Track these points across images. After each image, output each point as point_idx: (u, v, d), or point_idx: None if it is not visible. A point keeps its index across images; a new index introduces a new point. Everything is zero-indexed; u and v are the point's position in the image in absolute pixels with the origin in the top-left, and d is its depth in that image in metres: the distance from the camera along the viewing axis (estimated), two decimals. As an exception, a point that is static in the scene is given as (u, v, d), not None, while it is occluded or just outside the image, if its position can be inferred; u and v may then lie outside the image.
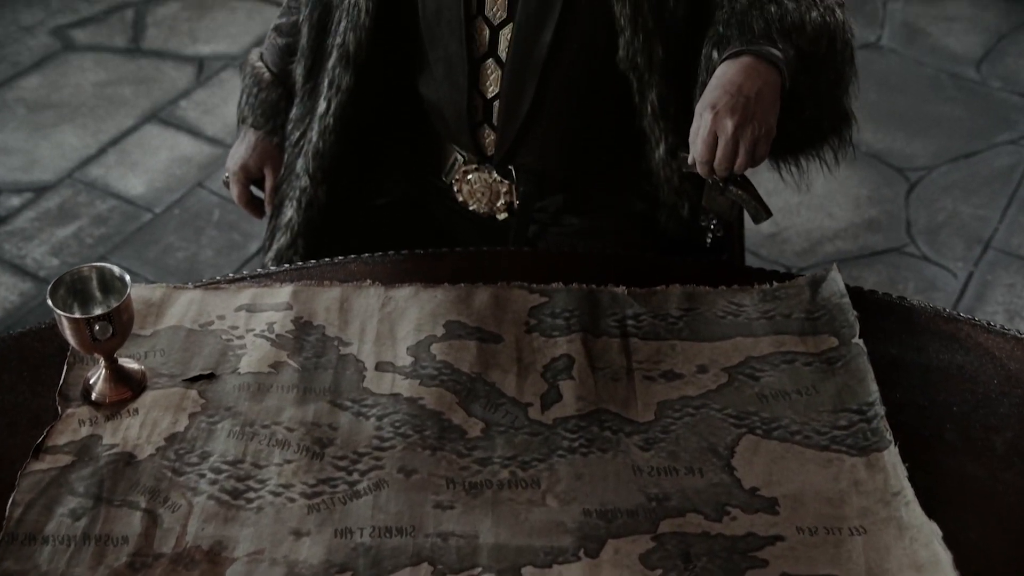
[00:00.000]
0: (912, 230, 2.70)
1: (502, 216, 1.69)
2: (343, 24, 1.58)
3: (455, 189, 1.69)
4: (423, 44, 1.59)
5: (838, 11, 1.48)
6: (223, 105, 3.00)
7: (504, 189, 1.67)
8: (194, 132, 3.00)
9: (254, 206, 1.82)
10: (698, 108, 1.41)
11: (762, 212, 1.50)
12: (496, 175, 1.65)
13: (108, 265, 1.29)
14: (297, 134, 1.70)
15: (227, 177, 1.82)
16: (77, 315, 1.25)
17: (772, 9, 1.43)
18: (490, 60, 1.56)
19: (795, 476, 1.22)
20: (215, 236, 2.66)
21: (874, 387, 1.30)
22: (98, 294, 1.30)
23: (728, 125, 1.37)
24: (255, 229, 2.61)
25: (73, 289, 1.29)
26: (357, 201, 1.73)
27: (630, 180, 1.67)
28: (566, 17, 1.51)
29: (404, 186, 1.75)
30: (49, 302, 1.25)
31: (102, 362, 1.30)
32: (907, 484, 1.19)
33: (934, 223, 2.72)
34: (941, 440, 1.27)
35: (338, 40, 1.59)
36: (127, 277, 1.28)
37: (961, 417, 1.30)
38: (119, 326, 1.25)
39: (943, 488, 1.21)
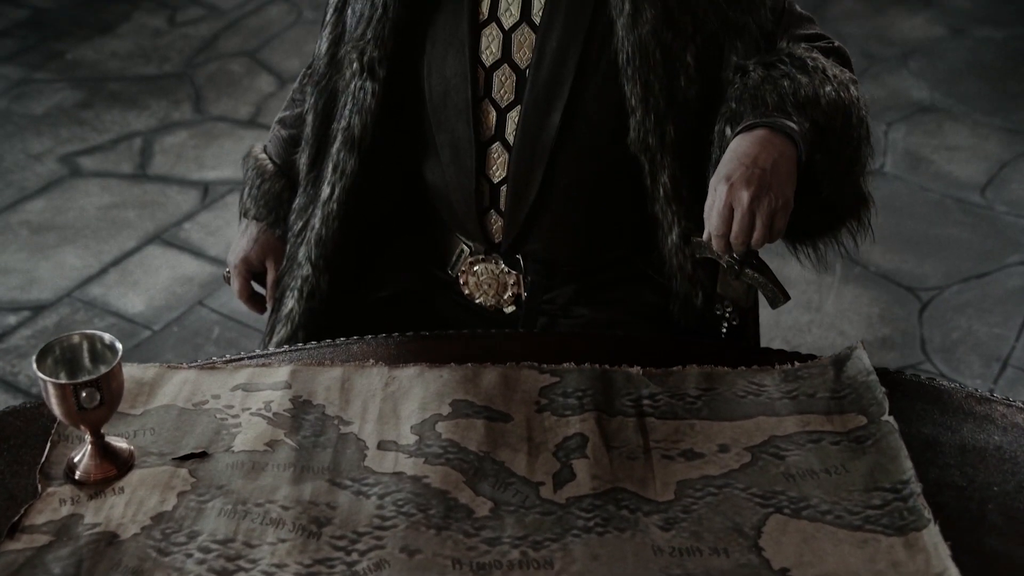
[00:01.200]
0: (927, 348, 2.64)
1: (509, 309, 1.64)
2: (349, 107, 1.56)
3: (461, 282, 1.65)
4: (429, 128, 1.57)
5: (852, 88, 1.46)
6: (227, 227, 2.98)
7: (512, 280, 1.62)
8: (197, 252, 2.97)
9: (255, 301, 1.76)
10: (712, 182, 1.37)
11: (780, 296, 1.45)
12: (503, 265, 1.61)
13: (98, 333, 1.23)
14: (300, 224, 1.66)
15: (227, 272, 1.77)
16: (63, 380, 1.18)
17: (785, 84, 1.41)
18: (497, 143, 1.54)
19: (828, 557, 1.13)
20: (213, 352, 2.60)
21: (908, 464, 1.22)
22: (88, 364, 1.23)
23: (744, 197, 1.33)
24: (256, 345, 2.55)
25: (62, 358, 1.22)
26: (360, 292, 1.68)
27: (642, 270, 1.63)
28: (575, 99, 1.49)
29: (408, 279, 1.70)
30: (34, 366, 1.18)
31: (88, 438, 1.22)
32: (951, 564, 1.10)
33: (949, 341, 2.66)
34: (984, 521, 1.18)
35: (343, 124, 1.57)
36: (118, 344, 1.21)
37: (1003, 497, 1.21)
38: (107, 394, 1.18)
39: (990, 571, 1.12)
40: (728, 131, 1.42)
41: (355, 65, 1.54)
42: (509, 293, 1.63)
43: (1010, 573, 1.13)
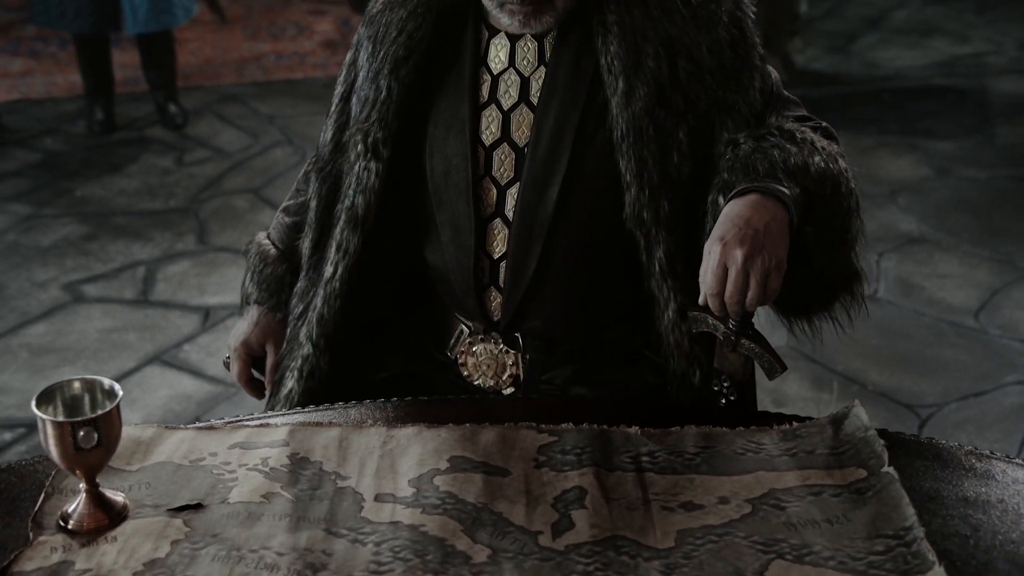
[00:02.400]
0: (928, 462, 2.61)
1: (508, 390, 1.64)
2: (353, 188, 1.60)
3: (460, 363, 1.66)
4: (430, 208, 1.61)
5: (840, 160, 1.51)
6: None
7: (511, 361, 1.63)
8: (196, 372, 2.98)
9: (253, 386, 1.77)
10: (707, 244, 1.40)
11: (776, 366, 1.47)
12: (502, 345, 1.62)
13: (99, 378, 1.24)
14: (301, 307, 1.68)
15: (227, 358, 1.78)
16: (61, 418, 1.18)
17: (775, 153, 1.46)
18: (497, 220, 1.58)
19: (833, 599, 1.11)
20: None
21: (911, 511, 1.21)
22: (88, 411, 1.23)
23: (738, 256, 1.36)
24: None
25: (62, 403, 1.23)
26: (359, 374, 1.69)
27: (639, 351, 1.64)
28: (572, 175, 1.53)
29: (407, 361, 1.71)
30: (33, 406, 1.18)
31: (82, 486, 1.22)
32: (958, 604, 1.08)
33: (950, 456, 2.64)
34: (991, 568, 1.17)
35: (347, 203, 1.61)
36: (117, 388, 1.22)
37: (1009, 545, 1.19)
38: (104, 436, 1.18)
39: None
40: (721, 200, 1.46)
41: (360, 147, 1.59)
42: (508, 374, 1.64)
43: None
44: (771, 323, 1.61)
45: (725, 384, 1.53)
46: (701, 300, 1.42)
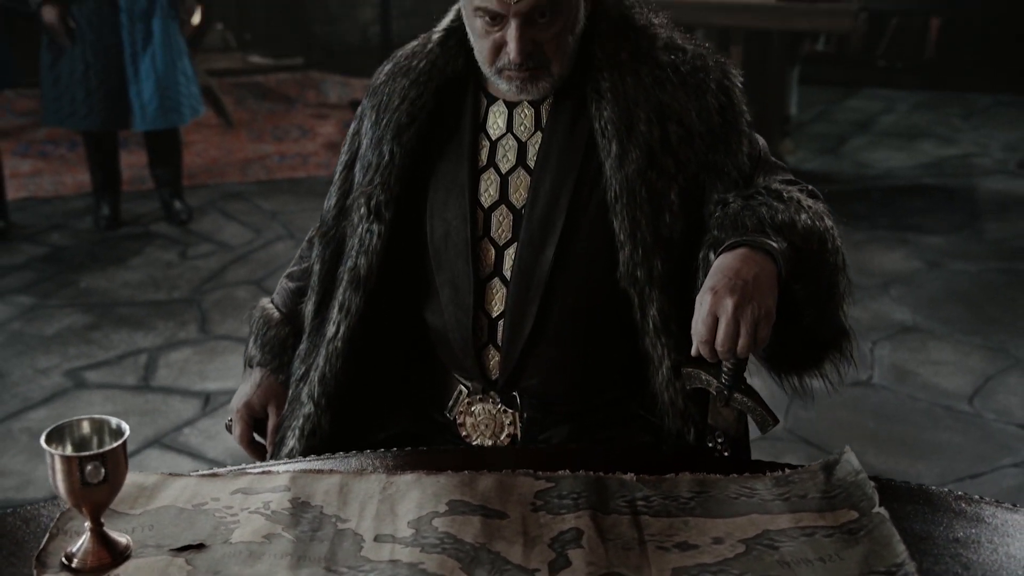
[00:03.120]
0: (926, 541, 2.61)
1: (506, 450, 1.67)
2: (356, 249, 1.65)
3: (458, 423, 1.69)
4: (431, 269, 1.66)
5: (827, 218, 1.56)
6: (228, 432, 3.01)
7: (508, 420, 1.66)
8: (195, 455, 2.99)
9: (255, 447, 1.79)
10: (698, 296, 1.45)
11: (769, 419, 1.50)
12: (500, 404, 1.66)
13: (106, 417, 1.28)
14: (303, 368, 1.72)
15: (229, 421, 1.81)
16: (69, 452, 1.21)
17: (763, 210, 1.51)
18: (495, 279, 1.62)
19: (827, 630, 1.13)
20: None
21: (902, 548, 1.23)
22: (95, 449, 1.26)
23: (728, 305, 1.40)
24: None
25: (71, 441, 1.26)
26: (359, 433, 1.71)
27: (635, 411, 1.67)
28: (568, 236, 1.59)
29: (406, 421, 1.74)
30: (42, 442, 1.22)
31: (87, 524, 1.24)
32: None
33: (948, 536, 2.64)
34: (983, 603, 1.18)
35: (350, 264, 1.66)
36: (124, 426, 1.25)
37: (1001, 581, 1.21)
38: (111, 471, 1.21)
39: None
40: (712, 256, 1.51)
41: (363, 209, 1.65)
42: (506, 433, 1.67)
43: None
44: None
45: (719, 440, 1.56)
46: (693, 351, 1.46)
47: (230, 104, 6.02)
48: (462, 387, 1.68)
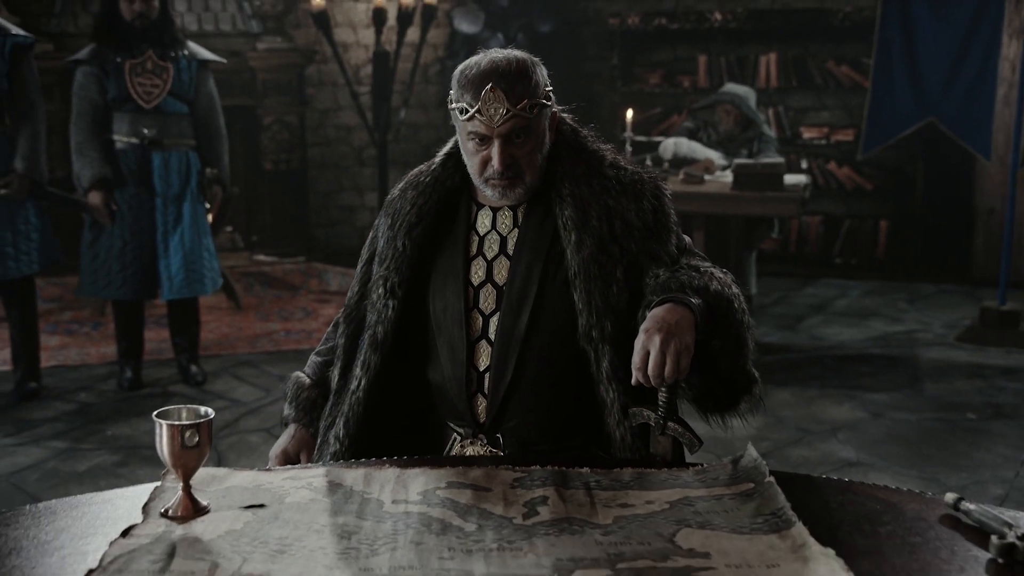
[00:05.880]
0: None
1: (491, 485, 2.10)
2: (375, 319, 2.14)
3: (453, 464, 2.13)
4: (433, 335, 2.14)
5: (734, 287, 2.07)
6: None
7: (493, 459, 2.10)
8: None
9: (288, 489, 2.22)
10: (636, 338, 1.93)
11: (695, 441, 1.96)
12: (487, 445, 2.10)
13: (196, 406, 1.73)
14: (330, 419, 2.17)
15: (268, 468, 2.24)
16: (175, 422, 1.66)
17: (684, 277, 2.02)
18: (483, 341, 2.10)
19: (723, 543, 1.56)
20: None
21: (783, 499, 1.68)
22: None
23: (656, 340, 1.88)
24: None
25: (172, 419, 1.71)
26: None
27: (595, 454, 2.11)
28: (538, 305, 2.08)
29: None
30: (154, 416, 1.67)
31: (180, 484, 1.67)
32: (809, 539, 1.54)
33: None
34: (841, 531, 1.62)
35: (370, 332, 2.14)
36: (211, 411, 1.70)
37: (850, 511, 1.65)
38: (203, 437, 1.66)
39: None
40: (646, 313, 2.00)
41: (380, 289, 2.15)
42: (491, 471, 2.10)
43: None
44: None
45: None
46: (633, 380, 1.92)
47: (239, 291, 6.59)
48: (456, 434, 2.13)
